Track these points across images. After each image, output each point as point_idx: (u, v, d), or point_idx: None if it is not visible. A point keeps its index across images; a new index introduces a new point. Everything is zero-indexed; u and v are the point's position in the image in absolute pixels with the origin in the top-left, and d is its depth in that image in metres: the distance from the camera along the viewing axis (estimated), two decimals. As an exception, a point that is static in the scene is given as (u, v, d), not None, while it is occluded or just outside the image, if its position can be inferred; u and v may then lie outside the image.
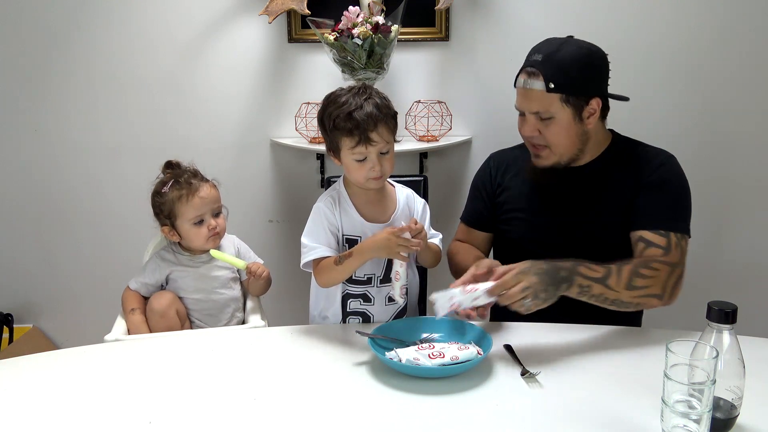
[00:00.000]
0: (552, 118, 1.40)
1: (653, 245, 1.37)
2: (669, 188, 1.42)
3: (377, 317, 1.46)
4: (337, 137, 1.34)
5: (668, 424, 0.92)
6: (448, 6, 2.14)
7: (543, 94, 1.38)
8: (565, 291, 1.24)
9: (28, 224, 2.41)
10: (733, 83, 2.24)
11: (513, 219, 1.56)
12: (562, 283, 1.23)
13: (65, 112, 2.30)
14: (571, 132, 1.42)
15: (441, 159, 2.34)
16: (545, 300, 1.21)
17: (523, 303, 1.20)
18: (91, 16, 2.22)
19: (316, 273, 1.40)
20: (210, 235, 1.59)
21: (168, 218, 1.59)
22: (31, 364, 1.28)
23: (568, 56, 1.38)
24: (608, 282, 1.26)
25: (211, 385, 1.15)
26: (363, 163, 1.35)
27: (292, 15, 2.20)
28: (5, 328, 2.42)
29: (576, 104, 1.39)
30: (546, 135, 1.42)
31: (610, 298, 1.27)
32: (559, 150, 1.44)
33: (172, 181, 1.59)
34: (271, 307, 1.78)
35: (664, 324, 1.43)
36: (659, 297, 1.32)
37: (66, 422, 1.04)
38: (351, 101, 1.32)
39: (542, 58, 1.38)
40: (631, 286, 1.28)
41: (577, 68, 1.38)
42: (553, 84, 1.36)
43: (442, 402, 1.07)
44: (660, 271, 1.32)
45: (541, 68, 1.37)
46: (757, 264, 2.36)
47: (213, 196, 1.61)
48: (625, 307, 1.30)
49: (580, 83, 1.39)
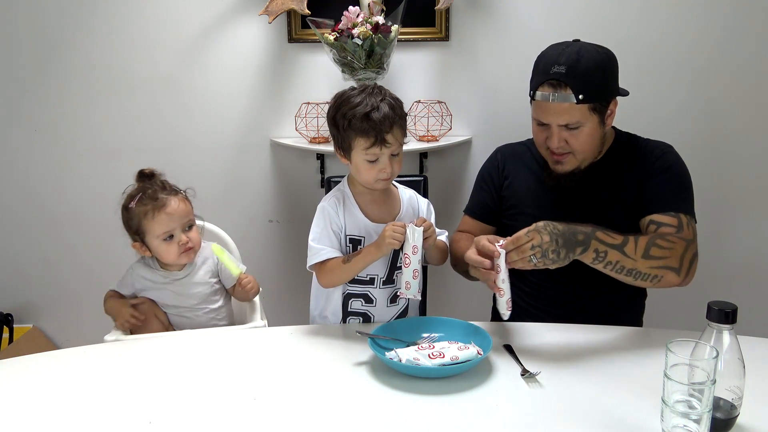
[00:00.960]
0: (579, 127, 1.40)
1: (665, 225, 1.38)
2: (673, 173, 1.44)
3: (378, 318, 1.46)
4: (350, 137, 1.33)
5: (668, 424, 0.92)
6: (448, 6, 2.14)
7: (572, 107, 1.37)
8: (580, 255, 1.24)
9: (28, 224, 2.41)
10: (733, 83, 2.24)
11: (518, 214, 1.55)
12: (577, 246, 1.23)
13: (65, 112, 2.30)
14: (595, 137, 1.43)
15: (441, 159, 2.34)
16: (554, 261, 1.21)
17: (530, 259, 1.20)
18: (90, 16, 2.22)
19: (321, 274, 1.40)
20: (181, 251, 1.51)
21: (137, 234, 1.53)
22: (31, 364, 1.28)
23: (592, 64, 1.37)
24: (625, 249, 1.26)
25: (211, 385, 1.15)
26: (374, 164, 1.35)
27: (292, 15, 2.20)
28: (5, 328, 2.42)
29: (601, 110, 1.40)
30: (572, 143, 1.42)
31: (626, 266, 1.27)
32: (582, 156, 1.45)
33: (139, 195, 1.51)
34: (271, 307, 1.78)
35: (664, 324, 1.43)
36: (676, 271, 1.30)
37: (66, 422, 1.04)
38: (367, 101, 1.32)
39: (566, 70, 1.36)
40: (648, 255, 1.27)
41: (601, 75, 1.39)
42: (583, 95, 1.36)
43: (442, 402, 1.07)
44: (676, 244, 1.31)
45: (568, 81, 1.36)
46: (757, 264, 2.36)
47: (182, 210, 1.52)
48: (642, 280, 1.29)
49: (605, 89, 1.40)
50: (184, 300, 1.56)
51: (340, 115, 1.34)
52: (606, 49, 1.44)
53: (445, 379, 1.14)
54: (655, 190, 1.42)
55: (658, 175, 1.44)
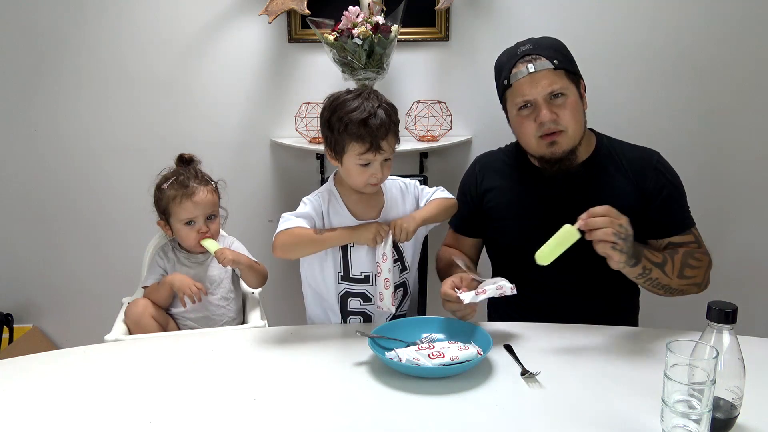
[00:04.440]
0: (564, 95, 1.40)
1: (684, 244, 1.42)
2: (673, 188, 1.46)
3: (378, 316, 1.46)
4: (345, 140, 1.33)
5: (668, 424, 0.91)
6: (448, 6, 2.15)
7: (552, 72, 1.39)
8: (633, 266, 1.26)
9: (28, 224, 2.41)
10: (733, 83, 2.24)
11: (502, 226, 1.54)
12: (636, 255, 1.26)
13: (65, 112, 2.30)
14: (579, 111, 1.44)
15: (441, 159, 2.34)
16: (625, 253, 1.21)
17: (614, 247, 1.18)
18: (90, 16, 2.22)
19: (281, 236, 1.35)
20: (199, 238, 1.60)
21: (163, 214, 1.62)
22: (31, 364, 1.27)
23: (554, 41, 1.46)
24: (665, 268, 1.32)
25: (211, 385, 1.15)
26: (366, 168, 1.35)
27: (292, 15, 2.21)
28: (5, 328, 2.43)
29: (576, 82, 1.44)
30: (561, 116, 1.40)
31: (663, 283, 1.32)
32: (572, 132, 1.42)
33: (173, 179, 1.60)
34: (271, 307, 1.78)
35: (664, 324, 1.43)
36: (699, 285, 1.39)
37: (66, 422, 1.04)
38: (363, 106, 1.31)
39: (533, 45, 1.42)
40: (683, 275, 1.34)
41: (566, 49, 1.46)
42: (558, 61, 1.40)
43: (442, 402, 1.07)
44: (702, 261, 1.39)
45: (540, 51, 1.41)
46: (757, 264, 2.36)
47: (208, 200, 1.60)
48: (669, 293, 1.36)
49: (572, 61, 1.45)
50: (202, 281, 1.60)
51: (336, 118, 1.33)
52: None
53: (445, 379, 1.14)
54: (663, 212, 1.44)
55: (660, 195, 1.44)
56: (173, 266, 1.63)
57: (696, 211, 1.47)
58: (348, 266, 1.42)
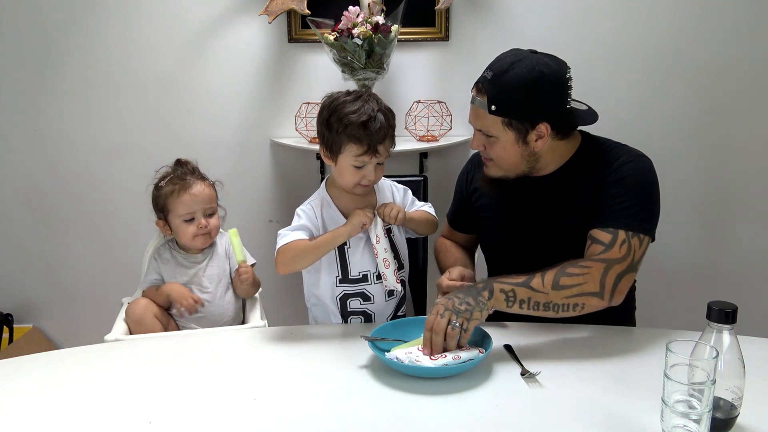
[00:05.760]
0: (495, 137, 1.35)
1: (597, 242, 1.30)
2: (626, 185, 1.33)
3: (378, 314, 1.46)
4: (342, 141, 1.34)
5: (668, 424, 0.91)
6: (448, 6, 2.15)
7: (486, 115, 1.32)
8: (489, 299, 1.22)
9: (28, 224, 2.41)
10: (733, 83, 2.24)
11: (486, 227, 1.55)
12: (482, 291, 1.22)
13: (65, 112, 2.30)
14: (514, 153, 1.36)
15: (441, 159, 2.34)
16: (471, 311, 1.19)
17: (453, 326, 1.17)
18: (90, 16, 2.22)
19: (281, 253, 1.37)
20: (198, 234, 1.59)
21: (162, 212, 1.62)
22: (31, 364, 1.28)
23: (516, 79, 1.29)
24: (532, 284, 1.23)
25: (211, 385, 1.15)
26: (360, 170, 1.36)
27: (292, 15, 2.21)
28: (5, 328, 2.42)
29: (519, 128, 1.32)
30: (490, 152, 1.38)
31: (541, 301, 1.23)
32: (505, 166, 1.39)
33: (170, 176, 1.61)
34: (271, 307, 1.78)
35: (664, 324, 1.43)
36: (598, 295, 1.25)
37: (66, 422, 1.04)
38: (363, 109, 1.32)
39: (491, 76, 1.32)
40: (559, 285, 1.23)
41: (523, 93, 1.30)
42: (495, 107, 1.30)
43: (442, 402, 1.07)
44: (591, 268, 1.25)
45: (488, 87, 1.32)
46: (757, 264, 2.36)
47: (206, 194, 1.61)
48: (566, 311, 1.25)
49: (524, 109, 1.31)
50: (200, 281, 1.61)
51: (336, 119, 1.33)
52: (551, 69, 1.30)
53: (445, 379, 1.14)
54: (602, 203, 1.35)
55: (610, 186, 1.35)
56: (170, 268, 1.62)
57: (695, 211, 1.47)
58: (347, 269, 1.43)
